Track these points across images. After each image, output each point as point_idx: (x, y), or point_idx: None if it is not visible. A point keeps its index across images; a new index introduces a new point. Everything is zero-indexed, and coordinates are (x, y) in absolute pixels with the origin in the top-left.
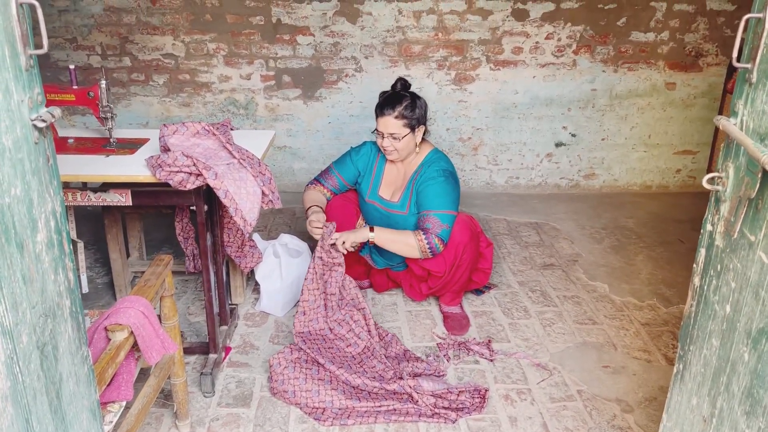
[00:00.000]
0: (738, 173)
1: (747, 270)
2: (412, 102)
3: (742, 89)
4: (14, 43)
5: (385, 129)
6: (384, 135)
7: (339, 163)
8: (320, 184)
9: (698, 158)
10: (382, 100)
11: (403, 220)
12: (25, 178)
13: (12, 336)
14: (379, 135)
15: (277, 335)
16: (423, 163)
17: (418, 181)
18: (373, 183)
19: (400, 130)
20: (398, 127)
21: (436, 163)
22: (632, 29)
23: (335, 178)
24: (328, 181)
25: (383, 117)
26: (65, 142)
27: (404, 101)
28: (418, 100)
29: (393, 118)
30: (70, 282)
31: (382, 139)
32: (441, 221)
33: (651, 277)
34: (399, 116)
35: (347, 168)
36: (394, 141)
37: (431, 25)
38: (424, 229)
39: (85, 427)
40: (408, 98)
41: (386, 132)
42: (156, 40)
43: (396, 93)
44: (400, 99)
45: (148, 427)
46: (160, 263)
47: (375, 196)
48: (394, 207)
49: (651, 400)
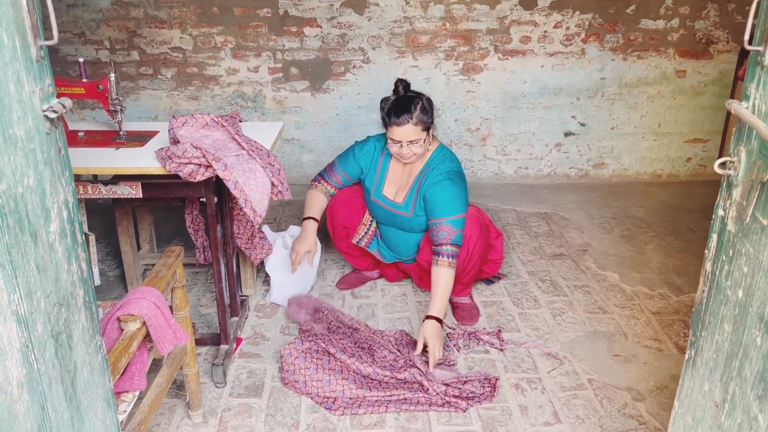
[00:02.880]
0: (750, 157)
1: (759, 254)
2: (423, 103)
3: (754, 72)
4: (25, 34)
5: (403, 137)
6: (402, 143)
7: (342, 158)
8: (324, 181)
9: (709, 146)
10: (392, 107)
11: (408, 221)
12: (37, 169)
13: (27, 324)
14: (395, 144)
15: (287, 326)
16: (429, 163)
17: (423, 185)
18: (377, 182)
19: (419, 135)
20: (417, 132)
21: (441, 164)
22: (641, 17)
23: (338, 174)
24: (332, 178)
25: (401, 126)
26: (75, 136)
27: (417, 104)
28: (425, 98)
29: (412, 124)
30: (83, 272)
31: (400, 147)
32: (454, 227)
33: (662, 266)
34: (417, 122)
35: (350, 164)
36: (413, 146)
37: (438, 15)
38: (439, 251)
39: (99, 415)
40: (419, 99)
41: (405, 140)
42: (164, 34)
43: (405, 97)
44: (413, 103)
45: (161, 416)
46: (171, 254)
47: (379, 195)
48: (398, 208)
49: (662, 389)
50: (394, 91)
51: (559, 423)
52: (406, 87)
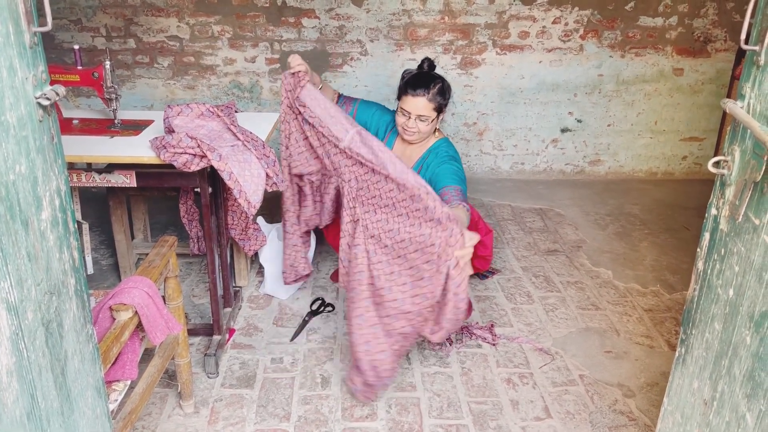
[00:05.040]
0: (744, 156)
1: (751, 253)
2: (443, 85)
3: (749, 72)
4: (18, 20)
5: (414, 109)
6: (411, 115)
7: (365, 104)
8: (337, 98)
9: (704, 145)
10: (412, 78)
11: None
12: (29, 156)
13: (17, 312)
14: (404, 114)
15: (280, 318)
16: (431, 149)
17: (425, 168)
18: None
19: (429, 112)
20: (429, 109)
21: (445, 152)
22: (640, 14)
23: (352, 107)
24: (343, 105)
25: (415, 97)
26: (70, 123)
27: (437, 84)
28: (447, 84)
29: (427, 99)
30: (75, 261)
31: (408, 119)
32: (462, 193)
33: (655, 264)
34: (432, 99)
35: (367, 113)
36: (420, 123)
37: (437, 8)
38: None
39: (90, 404)
40: (440, 81)
41: (415, 113)
42: (161, 22)
43: (427, 73)
44: (434, 80)
45: (152, 406)
46: (165, 244)
47: None
48: None
49: (653, 385)
50: (419, 66)
51: (550, 418)
52: (431, 66)
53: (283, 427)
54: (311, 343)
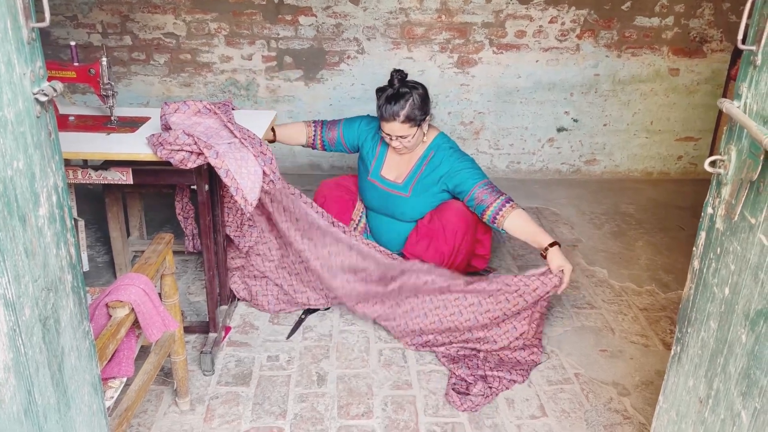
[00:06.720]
0: (740, 156)
1: (747, 252)
2: (414, 99)
3: (746, 72)
4: (16, 15)
5: (392, 132)
6: (392, 137)
7: (348, 123)
8: (318, 127)
9: (700, 145)
10: (383, 102)
11: (402, 203)
12: (27, 152)
13: (15, 308)
14: (386, 135)
15: (276, 316)
16: (431, 147)
17: (431, 165)
18: (376, 163)
19: (407, 132)
20: (405, 129)
21: (447, 146)
22: (637, 14)
23: (337, 133)
24: (329, 132)
25: (388, 123)
26: (66, 120)
27: (407, 102)
28: (418, 93)
29: (399, 123)
30: (72, 257)
31: (390, 140)
32: (489, 187)
33: (650, 263)
34: (405, 120)
35: (352, 131)
36: (403, 140)
37: (434, 7)
38: (497, 207)
39: (86, 401)
40: (409, 95)
41: (394, 135)
42: (157, 19)
43: (397, 93)
44: (403, 98)
45: (148, 403)
46: (161, 241)
47: (377, 175)
48: (396, 188)
49: (648, 384)
50: (390, 82)
51: (545, 416)
52: (401, 80)
53: (279, 425)
54: (307, 341)
